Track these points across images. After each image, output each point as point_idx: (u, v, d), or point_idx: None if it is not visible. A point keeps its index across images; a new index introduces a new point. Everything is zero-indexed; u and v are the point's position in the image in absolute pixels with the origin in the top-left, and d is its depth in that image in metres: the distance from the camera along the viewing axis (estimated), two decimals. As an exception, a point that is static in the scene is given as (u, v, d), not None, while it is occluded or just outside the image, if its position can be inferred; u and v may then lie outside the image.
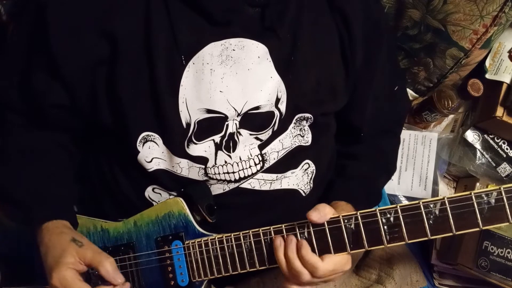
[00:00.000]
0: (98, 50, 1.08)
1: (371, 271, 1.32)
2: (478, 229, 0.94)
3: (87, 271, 1.09)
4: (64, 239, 1.09)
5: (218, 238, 1.11)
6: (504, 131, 1.61)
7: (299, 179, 1.24)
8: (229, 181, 1.17)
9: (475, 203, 0.94)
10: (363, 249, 1.00)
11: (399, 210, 0.97)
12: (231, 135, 1.13)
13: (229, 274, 1.11)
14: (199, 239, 1.13)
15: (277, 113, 1.14)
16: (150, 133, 1.13)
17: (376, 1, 1.28)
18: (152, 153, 1.15)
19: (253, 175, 1.17)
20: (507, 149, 1.63)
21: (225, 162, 1.15)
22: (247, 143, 1.15)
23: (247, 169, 1.16)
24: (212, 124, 1.12)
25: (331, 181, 1.32)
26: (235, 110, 1.11)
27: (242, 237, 1.09)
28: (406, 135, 1.72)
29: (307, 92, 1.15)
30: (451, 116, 1.65)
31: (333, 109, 1.24)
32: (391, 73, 1.30)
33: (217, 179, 1.16)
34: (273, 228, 1.06)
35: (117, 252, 1.19)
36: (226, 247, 1.10)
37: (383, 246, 0.98)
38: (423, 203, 0.96)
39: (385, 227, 0.98)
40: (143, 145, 1.14)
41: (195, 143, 1.13)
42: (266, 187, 1.20)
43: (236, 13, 1.09)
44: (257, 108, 1.12)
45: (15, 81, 1.17)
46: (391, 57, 1.31)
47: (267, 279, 1.21)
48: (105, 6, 1.07)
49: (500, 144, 1.64)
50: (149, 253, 1.17)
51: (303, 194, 1.25)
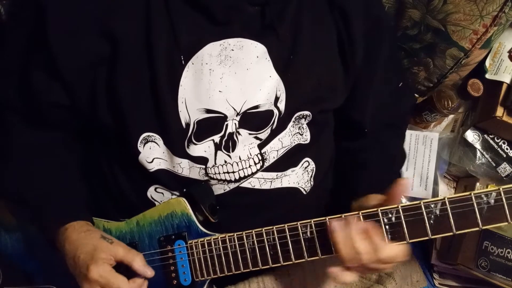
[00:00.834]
0: (98, 50, 1.08)
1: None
2: (478, 228, 0.95)
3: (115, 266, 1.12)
4: (94, 236, 1.13)
5: (221, 237, 1.12)
6: (504, 131, 1.61)
7: (300, 177, 1.24)
8: (229, 181, 1.17)
9: (475, 203, 0.95)
10: None
11: (401, 210, 0.98)
12: (231, 135, 1.14)
13: (231, 273, 1.12)
14: (202, 239, 1.14)
15: (276, 111, 1.14)
16: (150, 134, 1.13)
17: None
18: (153, 153, 1.15)
19: (253, 174, 1.17)
20: (507, 149, 1.63)
21: (225, 162, 1.15)
22: (247, 142, 1.15)
23: (246, 168, 1.16)
24: (211, 124, 1.12)
25: (349, 176, 1.31)
26: (234, 109, 1.12)
27: (245, 237, 1.09)
28: (407, 135, 1.71)
29: (306, 90, 1.16)
30: (451, 116, 1.65)
31: (331, 107, 1.25)
32: (394, 70, 1.30)
33: (217, 179, 1.16)
34: (276, 227, 1.07)
35: (120, 251, 1.20)
36: (229, 246, 1.11)
37: (384, 245, 0.99)
38: (424, 203, 0.97)
39: (387, 226, 0.99)
40: (144, 146, 1.14)
41: (195, 144, 1.13)
42: (266, 186, 1.20)
43: (236, 11, 1.09)
44: (256, 107, 1.13)
45: (14, 80, 1.17)
46: (393, 54, 1.32)
47: (267, 280, 1.21)
48: (105, 6, 1.07)
49: (500, 144, 1.64)
50: (152, 253, 1.17)
51: (304, 192, 1.25)
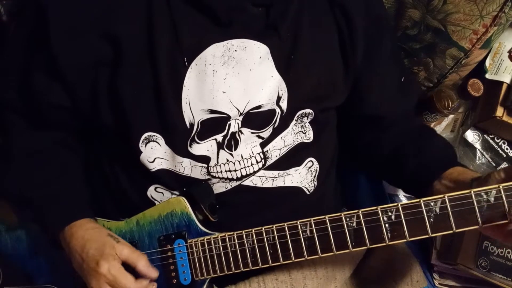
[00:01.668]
0: (99, 51, 1.09)
1: (372, 272, 1.32)
2: (477, 226, 0.95)
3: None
4: (102, 233, 1.14)
5: (220, 236, 1.12)
6: (504, 131, 1.61)
7: (303, 176, 1.24)
8: (231, 179, 1.17)
9: (475, 201, 0.95)
10: (365, 247, 1.01)
11: (400, 208, 0.98)
12: (233, 134, 1.14)
13: (231, 272, 1.12)
14: (202, 238, 1.14)
15: (278, 110, 1.15)
16: (152, 134, 1.13)
17: None
18: (154, 153, 1.15)
19: (255, 172, 1.18)
20: (507, 149, 1.63)
21: (227, 160, 1.15)
22: (249, 141, 1.16)
23: (248, 167, 1.17)
24: (215, 124, 1.13)
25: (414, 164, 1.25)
26: (238, 110, 1.12)
27: (244, 236, 1.09)
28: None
29: (307, 89, 1.17)
30: (451, 116, 1.65)
31: (333, 105, 1.25)
32: (396, 65, 1.31)
33: (219, 178, 1.17)
34: (276, 226, 1.07)
35: (120, 251, 1.20)
36: (228, 245, 1.11)
37: (384, 244, 0.99)
38: (423, 201, 0.97)
39: (387, 225, 0.99)
40: (145, 146, 1.14)
41: (198, 143, 1.14)
42: (268, 184, 1.20)
43: (239, 12, 1.10)
44: (259, 107, 1.13)
45: (15, 81, 1.18)
46: (395, 50, 1.32)
47: (268, 279, 1.21)
48: (106, 7, 1.07)
49: (500, 144, 1.64)
50: (152, 252, 1.17)
51: (307, 192, 1.25)
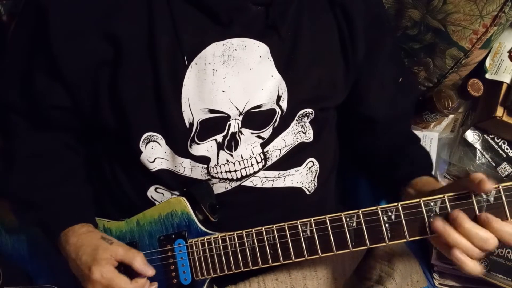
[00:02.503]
0: (100, 51, 1.09)
1: (372, 272, 1.32)
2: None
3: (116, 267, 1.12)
4: (94, 237, 1.13)
5: (221, 236, 1.12)
6: (504, 131, 1.61)
7: (303, 177, 1.24)
8: (231, 180, 1.17)
9: (474, 201, 0.95)
10: (365, 247, 1.01)
11: (400, 208, 0.98)
12: (233, 134, 1.14)
13: (231, 272, 1.12)
14: (202, 238, 1.14)
15: (278, 110, 1.15)
16: (152, 134, 1.14)
17: None
18: (155, 153, 1.15)
19: (255, 173, 1.18)
20: (507, 149, 1.63)
21: (227, 161, 1.15)
22: (249, 141, 1.16)
23: (248, 167, 1.17)
24: (214, 124, 1.13)
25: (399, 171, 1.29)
26: (237, 109, 1.12)
27: (245, 236, 1.09)
28: (406, 135, 1.72)
29: (308, 88, 1.17)
30: (451, 116, 1.65)
31: (333, 104, 1.25)
32: (396, 65, 1.31)
33: (219, 178, 1.17)
34: (276, 226, 1.07)
35: (120, 251, 1.20)
36: (229, 245, 1.11)
37: (384, 244, 0.99)
38: (423, 201, 0.97)
39: (387, 225, 0.99)
40: (145, 146, 1.14)
41: (198, 143, 1.14)
42: (268, 185, 1.20)
43: (239, 11, 1.09)
44: (259, 106, 1.13)
45: (16, 82, 1.18)
46: (394, 49, 1.32)
47: (268, 279, 1.21)
48: (106, 7, 1.07)
49: (500, 144, 1.63)
50: (152, 252, 1.18)
51: (308, 192, 1.25)
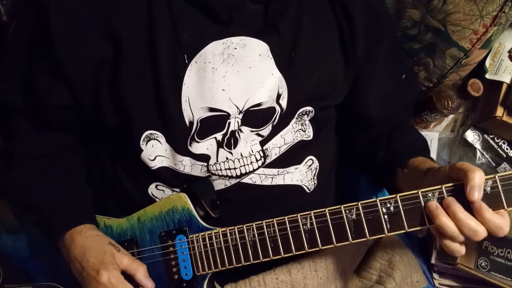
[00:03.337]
0: (101, 50, 1.10)
1: (372, 272, 1.32)
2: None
3: None
4: (102, 241, 1.14)
5: (221, 231, 1.12)
6: (504, 131, 1.61)
7: (303, 175, 1.24)
8: (231, 177, 1.18)
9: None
10: (365, 239, 1.01)
11: (399, 199, 0.98)
12: (233, 132, 1.15)
13: (232, 266, 1.12)
14: (203, 233, 1.14)
15: (278, 108, 1.15)
16: (153, 132, 1.14)
17: None
18: (155, 151, 1.16)
19: (254, 170, 1.18)
20: (507, 149, 1.63)
21: (227, 158, 1.16)
22: (248, 139, 1.16)
23: (248, 165, 1.17)
24: (214, 122, 1.13)
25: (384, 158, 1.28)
26: (237, 108, 1.13)
27: (245, 230, 1.09)
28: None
29: (308, 87, 1.17)
30: (451, 116, 1.65)
31: (333, 103, 1.26)
32: (396, 63, 1.31)
33: (219, 175, 1.17)
34: (276, 220, 1.07)
35: (121, 248, 1.20)
36: (229, 239, 1.11)
37: (384, 235, 0.99)
38: (421, 192, 0.97)
39: (386, 216, 0.99)
40: (146, 144, 1.15)
41: (198, 142, 1.14)
42: (267, 182, 1.21)
43: (239, 10, 1.10)
44: (259, 105, 1.14)
45: (18, 83, 1.18)
46: (394, 47, 1.33)
47: (268, 278, 1.21)
48: (107, 6, 1.08)
49: (500, 144, 1.64)
50: (153, 248, 1.18)
51: (307, 190, 1.26)
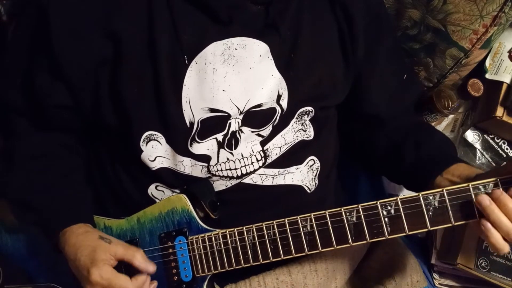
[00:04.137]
0: (101, 51, 1.10)
1: (372, 272, 1.32)
2: (476, 219, 0.96)
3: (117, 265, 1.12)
4: (92, 238, 1.13)
5: (221, 233, 1.12)
6: (504, 131, 1.61)
7: (304, 175, 1.24)
8: (231, 177, 1.18)
9: (473, 194, 0.96)
10: (365, 241, 1.01)
11: (399, 202, 0.98)
12: (233, 133, 1.15)
13: (232, 268, 1.12)
14: (203, 235, 1.14)
15: (278, 109, 1.15)
16: (153, 132, 1.14)
17: None
18: (155, 152, 1.16)
19: (255, 171, 1.18)
20: (507, 149, 1.63)
21: (227, 159, 1.16)
22: (249, 140, 1.16)
23: (249, 165, 1.17)
24: (215, 123, 1.13)
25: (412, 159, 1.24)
26: (238, 108, 1.13)
27: (245, 232, 1.10)
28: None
29: (308, 87, 1.17)
30: (451, 116, 1.65)
31: (333, 103, 1.26)
32: (397, 63, 1.32)
33: (219, 176, 1.17)
34: (276, 222, 1.07)
35: (120, 248, 1.20)
36: (229, 241, 1.11)
37: (384, 238, 0.99)
38: (422, 195, 0.98)
39: (386, 219, 0.99)
40: (146, 144, 1.15)
41: (198, 142, 1.14)
42: (268, 182, 1.20)
43: (239, 10, 1.10)
44: (259, 105, 1.14)
45: (17, 82, 1.18)
46: (395, 47, 1.33)
47: (268, 278, 1.21)
48: (107, 6, 1.08)
49: (500, 144, 1.64)
50: (153, 249, 1.18)
51: (308, 190, 1.26)
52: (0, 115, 1.24)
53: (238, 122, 1.14)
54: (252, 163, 1.17)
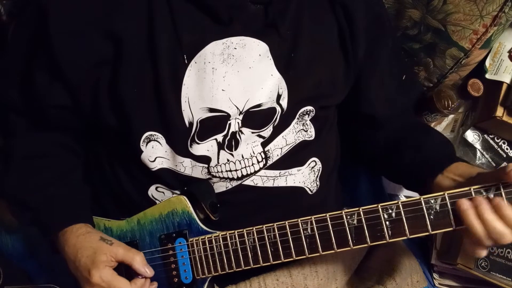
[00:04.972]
0: (100, 50, 1.09)
1: (372, 272, 1.32)
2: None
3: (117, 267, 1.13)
4: (93, 239, 1.13)
5: (222, 235, 1.12)
6: (504, 131, 1.61)
7: (306, 176, 1.24)
8: (232, 179, 1.17)
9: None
10: (366, 245, 1.01)
11: (401, 205, 0.98)
12: (234, 134, 1.14)
13: (232, 271, 1.12)
14: (203, 237, 1.14)
15: (278, 109, 1.15)
16: (153, 133, 1.14)
17: None
18: (155, 152, 1.15)
19: (256, 172, 1.18)
20: (507, 149, 1.63)
21: (228, 160, 1.15)
22: (249, 141, 1.16)
23: (249, 166, 1.17)
24: (214, 123, 1.13)
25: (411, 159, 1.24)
26: (237, 108, 1.12)
27: (245, 234, 1.10)
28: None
29: (308, 87, 1.17)
30: (451, 116, 1.65)
31: (333, 103, 1.26)
32: (397, 64, 1.32)
33: (219, 177, 1.17)
34: (277, 225, 1.07)
35: (120, 250, 1.20)
36: (229, 244, 1.11)
37: (385, 241, 0.99)
38: (424, 198, 0.97)
39: (387, 222, 0.99)
40: (146, 145, 1.14)
41: (198, 143, 1.14)
42: (269, 184, 1.20)
43: (239, 10, 1.10)
44: (259, 105, 1.13)
45: (17, 82, 1.18)
46: (395, 48, 1.33)
47: (268, 279, 1.21)
48: (107, 6, 1.08)
49: (500, 144, 1.64)
50: (153, 251, 1.18)
51: (310, 192, 1.25)
52: (-1, 114, 1.24)
53: (238, 122, 1.14)
54: (252, 164, 1.17)
